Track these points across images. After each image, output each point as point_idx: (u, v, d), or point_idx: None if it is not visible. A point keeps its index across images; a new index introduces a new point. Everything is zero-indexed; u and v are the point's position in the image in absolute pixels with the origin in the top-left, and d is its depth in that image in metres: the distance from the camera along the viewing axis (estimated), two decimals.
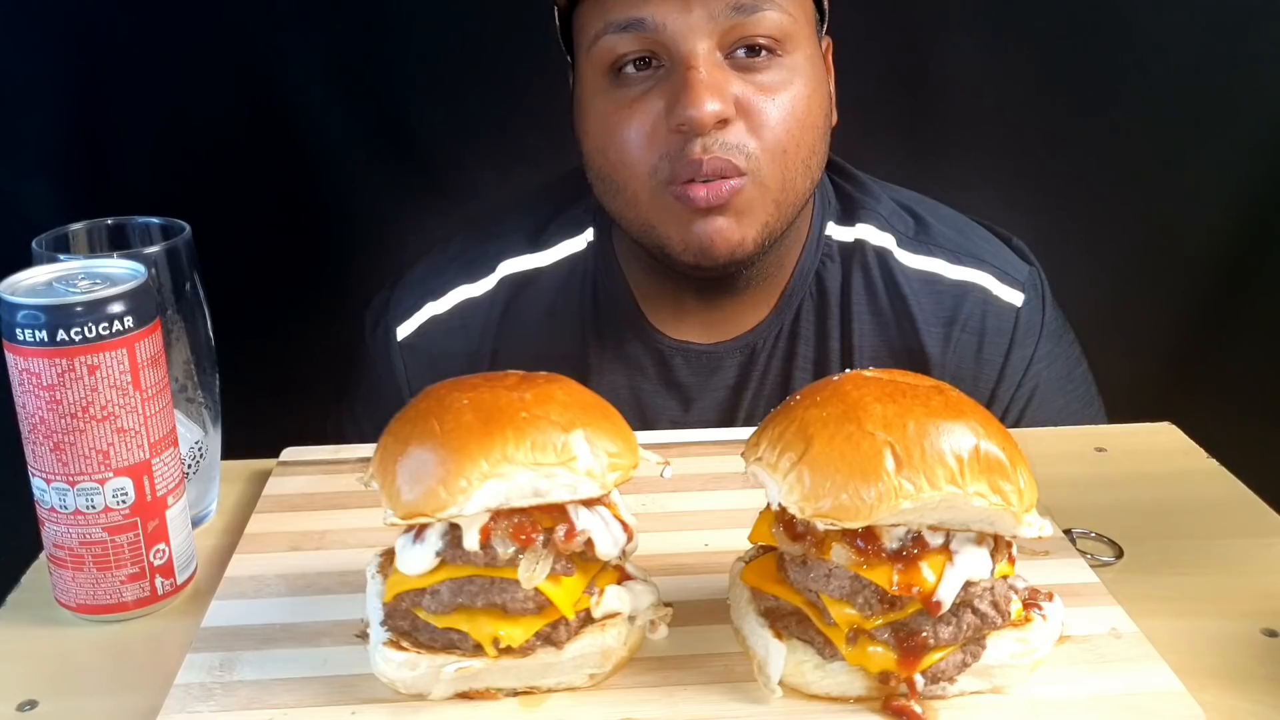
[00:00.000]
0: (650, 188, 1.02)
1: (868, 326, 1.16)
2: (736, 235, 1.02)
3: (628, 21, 0.99)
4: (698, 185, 0.99)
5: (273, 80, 1.46)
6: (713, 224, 1.01)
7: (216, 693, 0.68)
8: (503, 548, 0.65)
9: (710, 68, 0.98)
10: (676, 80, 0.99)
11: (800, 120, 1.02)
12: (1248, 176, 1.51)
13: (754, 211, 1.02)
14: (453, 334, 1.18)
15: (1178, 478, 0.95)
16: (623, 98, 1.02)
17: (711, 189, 0.99)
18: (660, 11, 0.98)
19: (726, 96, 0.98)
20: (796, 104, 1.02)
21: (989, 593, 0.66)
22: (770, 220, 1.03)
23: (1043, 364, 1.17)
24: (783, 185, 1.02)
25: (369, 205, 1.53)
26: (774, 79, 1.01)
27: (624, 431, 0.69)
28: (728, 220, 1.01)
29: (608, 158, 1.04)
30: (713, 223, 1.01)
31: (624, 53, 1.01)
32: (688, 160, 0.99)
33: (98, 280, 0.74)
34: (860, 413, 0.65)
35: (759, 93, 1.00)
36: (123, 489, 0.74)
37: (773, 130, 1.01)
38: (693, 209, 1.01)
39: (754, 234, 1.03)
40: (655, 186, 1.02)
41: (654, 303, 1.15)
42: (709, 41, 0.99)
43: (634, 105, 1.01)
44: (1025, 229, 1.24)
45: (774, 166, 1.01)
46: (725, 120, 0.98)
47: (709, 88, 0.97)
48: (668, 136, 1.00)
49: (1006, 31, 1.48)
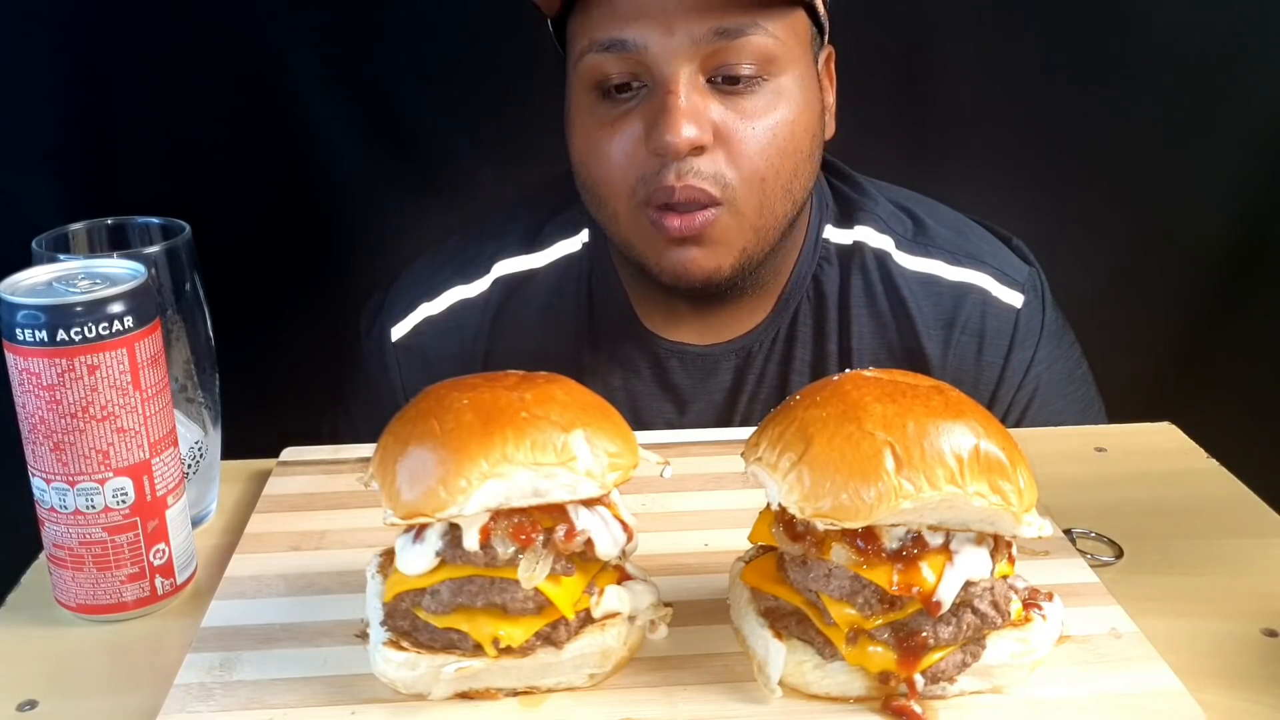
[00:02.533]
0: (629, 207, 1.02)
1: (867, 329, 1.15)
2: (711, 264, 1.02)
3: (610, 41, 0.99)
4: (671, 215, 0.99)
5: (272, 81, 1.46)
6: (686, 254, 1.02)
7: (216, 693, 0.68)
8: (503, 548, 0.65)
9: (690, 93, 0.97)
10: (656, 103, 0.98)
11: (781, 147, 1.01)
12: (1248, 176, 1.51)
13: (729, 241, 1.02)
14: (447, 334, 1.17)
15: (1178, 478, 0.95)
16: (605, 115, 1.02)
17: (684, 220, 0.99)
18: (643, 34, 0.97)
19: (704, 123, 0.98)
20: (779, 130, 1.00)
21: (989, 593, 0.66)
22: (749, 246, 1.03)
23: (1043, 365, 1.17)
24: (760, 212, 1.02)
25: (369, 205, 1.53)
26: (757, 105, 1.00)
27: (624, 431, 0.69)
28: (702, 251, 1.02)
29: (591, 172, 1.04)
30: (686, 252, 1.02)
31: (608, 73, 1.00)
32: (661, 186, 0.99)
33: (98, 280, 0.74)
34: (860, 413, 0.65)
35: (740, 118, 0.99)
36: (123, 489, 0.74)
37: (751, 159, 1.00)
38: (667, 237, 1.01)
39: (730, 262, 1.03)
40: (634, 207, 1.02)
41: (649, 305, 1.15)
42: (691, 65, 0.98)
43: (615, 125, 1.01)
44: (1025, 229, 1.24)
45: (751, 195, 1.01)
46: (701, 147, 0.98)
47: (687, 114, 0.96)
48: (646, 159, 0.99)
49: (1005, 31, 1.47)
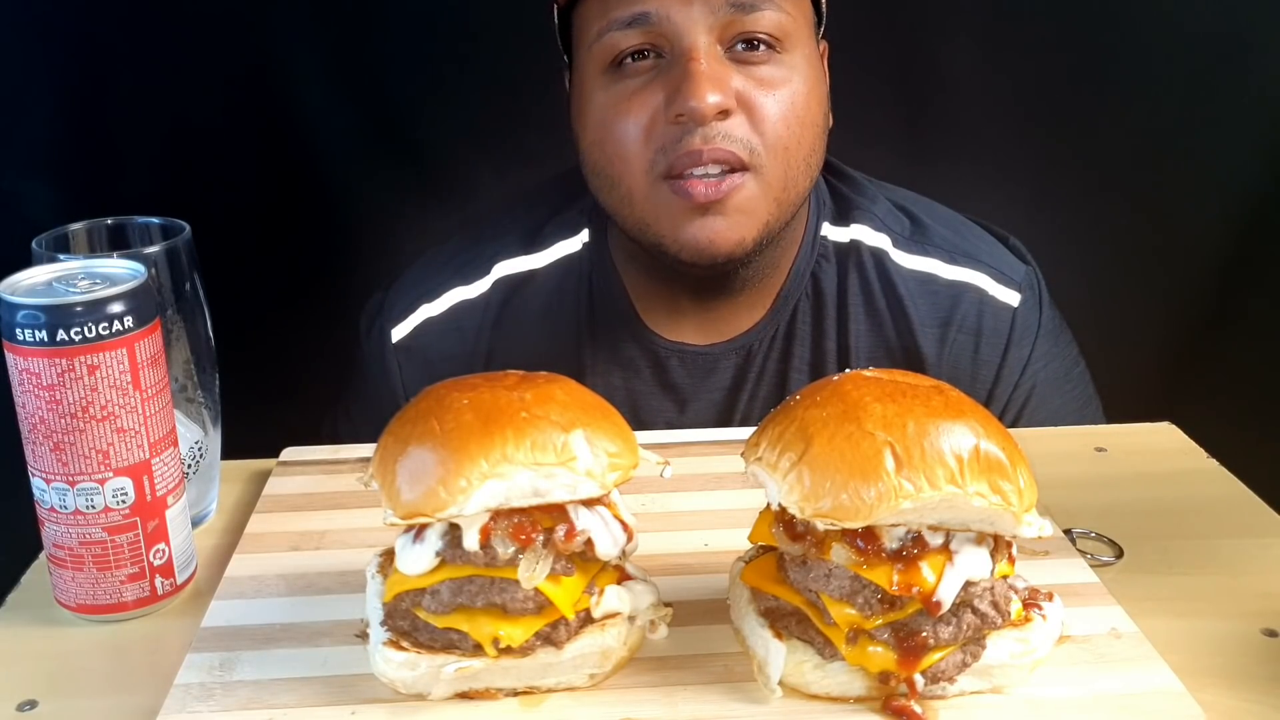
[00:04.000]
0: (647, 183, 1.02)
1: (864, 327, 1.15)
2: (735, 235, 1.01)
3: (633, 17, 0.99)
4: (696, 181, 0.99)
5: (273, 81, 1.46)
6: (711, 225, 1.01)
7: (216, 693, 0.68)
8: (503, 548, 0.65)
9: (711, 60, 0.98)
10: (677, 72, 0.99)
11: (801, 117, 1.02)
12: (1247, 176, 1.51)
13: (754, 210, 1.01)
14: (447, 335, 1.17)
15: (1178, 478, 0.95)
16: (622, 90, 1.02)
17: (710, 185, 0.99)
18: (664, 5, 0.98)
19: (728, 89, 0.98)
20: (797, 100, 1.01)
21: (989, 593, 0.66)
22: (770, 219, 1.03)
23: (1040, 364, 1.17)
24: (785, 183, 1.02)
25: (369, 205, 1.53)
26: (774, 74, 1.01)
27: (624, 431, 0.69)
28: (726, 221, 1.01)
29: (605, 151, 1.04)
30: (711, 223, 1.01)
31: (626, 47, 1.01)
32: (686, 151, 0.98)
33: (98, 280, 0.74)
34: (860, 413, 0.65)
35: (759, 87, 1.00)
36: (122, 489, 0.74)
37: (774, 125, 1.00)
38: (690, 205, 1.00)
39: (754, 233, 1.02)
40: (652, 181, 1.01)
41: (649, 304, 1.15)
42: (709, 36, 0.99)
43: (633, 98, 1.01)
44: (1023, 228, 1.24)
45: (776, 164, 1.01)
46: (726, 112, 0.98)
47: (710, 79, 0.97)
48: (666, 129, 0.99)
49: (1003, 31, 1.48)
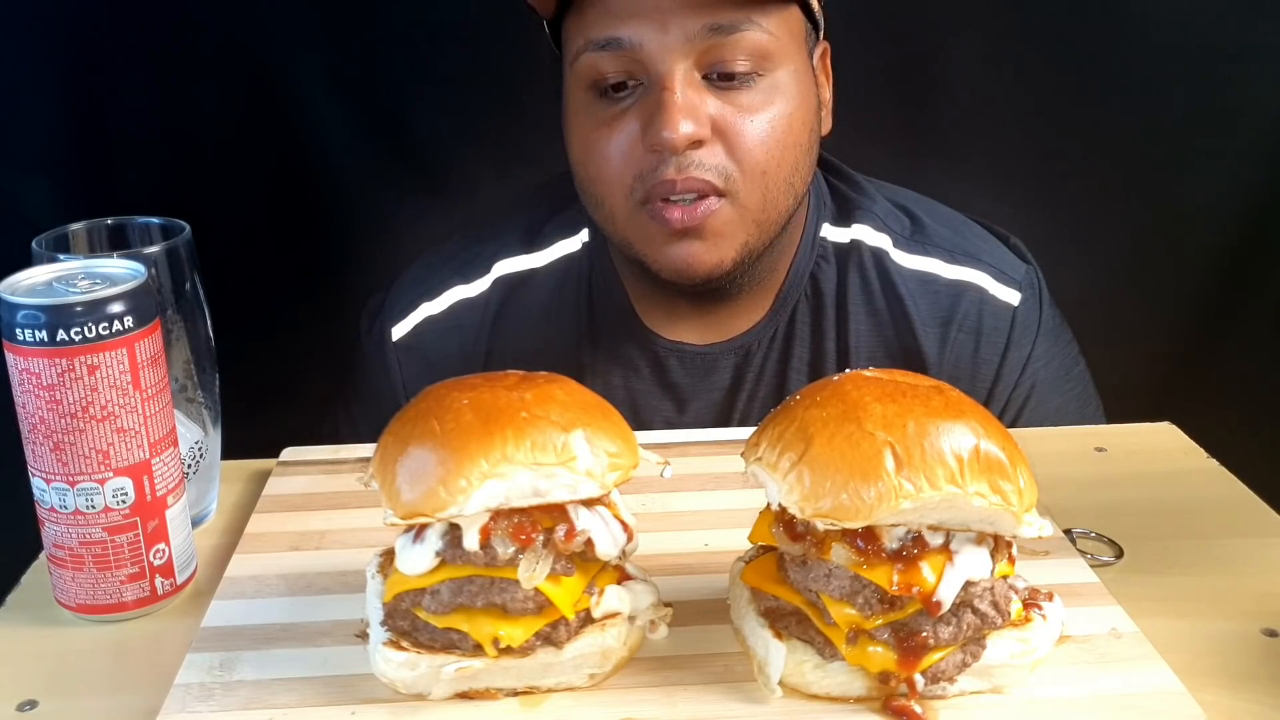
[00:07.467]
0: (627, 206, 1.02)
1: (864, 327, 1.16)
2: (713, 258, 1.02)
3: (606, 40, 0.99)
4: (672, 207, 0.99)
5: (273, 80, 1.46)
6: (688, 248, 1.01)
7: (216, 693, 0.68)
8: (503, 548, 0.65)
9: (686, 88, 0.98)
10: (653, 101, 0.98)
11: (781, 140, 1.01)
12: (1248, 176, 1.51)
13: (732, 233, 1.02)
14: (448, 334, 1.17)
15: (1178, 478, 0.95)
16: (602, 115, 1.02)
17: (686, 211, 0.99)
18: (638, 31, 0.97)
19: (702, 118, 0.98)
20: (777, 123, 1.01)
21: (989, 593, 0.66)
22: (750, 240, 1.03)
23: (1040, 363, 1.17)
24: (763, 206, 1.02)
25: (369, 205, 1.53)
26: (753, 99, 1.00)
27: (624, 431, 0.69)
28: (703, 244, 1.01)
29: (588, 172, 1.05)
30: (688, 246, 1.01)
31: (604, 72, 1.00)
32: (661, 180, 0.99)
33: (98, 280, 0.74)
34: (860, 413, 0.65)
35: (738, 113, 0.99)
36: (123, 489, 0.74)
37: (751, 152, 1.00)
38: (667, 231, 1.00)
39: (732, 255, 1.03)
40: (632, 206, 1.02)
41: (648, 304, 1.15)
42: (687, 62, 0.98)
43: (612, 124, 1.01)
44: (1023, 228, 1.24)
45: (753, 187, 1.01)
46: (700, 141, 0.98)
47: (683, 109, 0.97)
48: (643, 157, 1.00)
49: (1004, 30, 1.47)
